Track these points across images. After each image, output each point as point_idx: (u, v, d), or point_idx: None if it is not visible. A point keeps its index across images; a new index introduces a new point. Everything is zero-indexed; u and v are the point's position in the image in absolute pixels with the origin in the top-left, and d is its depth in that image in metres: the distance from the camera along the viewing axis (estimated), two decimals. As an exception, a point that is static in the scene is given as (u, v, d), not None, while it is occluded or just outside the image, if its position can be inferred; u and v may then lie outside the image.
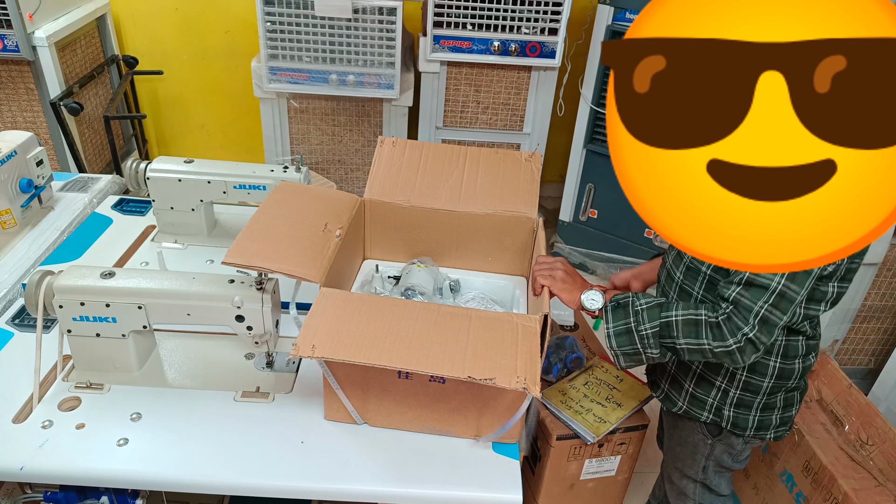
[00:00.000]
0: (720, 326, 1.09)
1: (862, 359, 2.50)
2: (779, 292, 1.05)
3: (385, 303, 1.17)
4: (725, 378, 1.27)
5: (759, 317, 1.06)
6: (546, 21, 2.54)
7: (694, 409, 1.32)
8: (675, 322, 1.12)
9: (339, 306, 1.15)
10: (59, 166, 2.77)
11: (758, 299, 1.06)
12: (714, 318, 1.09)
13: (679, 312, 1.13)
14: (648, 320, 1.15)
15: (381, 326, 1.11)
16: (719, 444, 1.35)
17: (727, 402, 1.28)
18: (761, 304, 1.06)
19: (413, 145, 1.57)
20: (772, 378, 1.24)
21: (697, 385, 1.31)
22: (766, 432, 1.31)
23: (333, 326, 1.10)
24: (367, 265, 1.58)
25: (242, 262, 1.16)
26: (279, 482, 1.12)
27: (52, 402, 1.23)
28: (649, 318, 1.15)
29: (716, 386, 1.28)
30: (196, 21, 3.12)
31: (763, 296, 1.06)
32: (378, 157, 1.54)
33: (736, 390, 1.27)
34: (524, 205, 1.48)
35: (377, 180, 1.51)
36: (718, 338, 1.09)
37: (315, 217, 1.34)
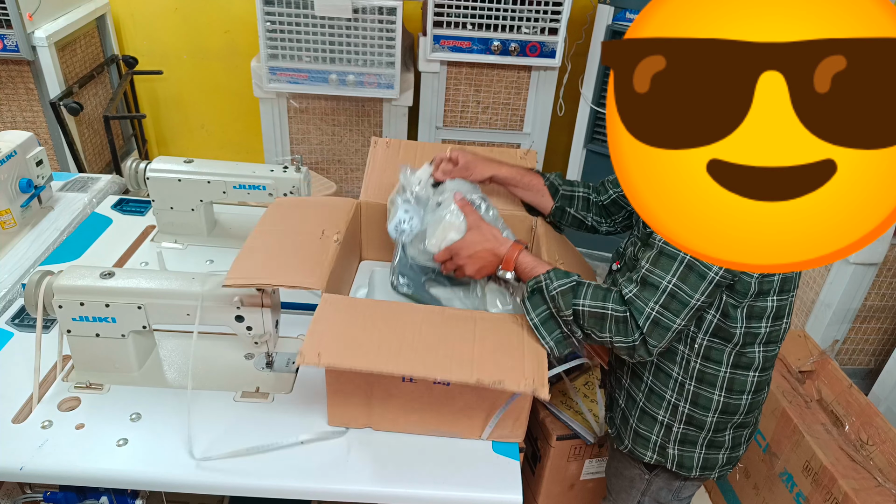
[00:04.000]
0: (625, 322, 1.06)
1: (862, 359, 2.50)
2: (669, 292, 1.03)
3: (389, 307, 1.17)
4: (668, 412, 1.20)
5: (650, 319, 1.04)
6: (546, 21, 2.54)
7: (637, 449, 1.26)
8: (582, 311, 1.08)
9: (343, 312, 1.15)
10: (58, 166, 2.77)
11: (649, 300, 1.04)
12: (621, 313, 1.06)
13: (587, 302, 1.08)
14: (564, 307, 1.09)
15: (386, 331, 1.11)
16: (657, 479, 1.30)
17: (671, 440, 1.22)
18: (652, 306, 1.04)
19: (407, 146, 1.57)
20: (716, 413, 1.18)
21: (640, 420, 1.25)
22: (711, 472, 1.25)
23: (338, 332, 1.10)
24: (365, 266, 1.57)
25: (243, 281, 1.16)
26: (279, 482, 1.12)
27: (51, 403, 1.23)
28: (564, 305, 1.09)
29: (658, 420, 1.22)
30: (196, 21, 3.12)
31: (654, 296, 1.03)
32: (372, 159, 1.54)
33: (679, 425, 1.20)
34: (521, 203, 1.48)
35: (373, 182, 1.51)
36: (621, 333, 1.06)
37: (312, 226, 1.34)
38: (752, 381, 1.17)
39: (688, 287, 1.02)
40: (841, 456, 1.65)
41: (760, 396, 1.21)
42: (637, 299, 1.05)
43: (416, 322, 1.13)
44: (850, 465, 1.62)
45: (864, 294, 2.29)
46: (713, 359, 1.14)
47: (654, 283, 1.04)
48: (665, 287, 1.03)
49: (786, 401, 1.80)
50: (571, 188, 1.41)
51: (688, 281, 1.02)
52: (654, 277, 1.04)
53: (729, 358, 1.14)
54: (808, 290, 2.36)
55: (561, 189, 1.41)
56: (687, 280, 1.02)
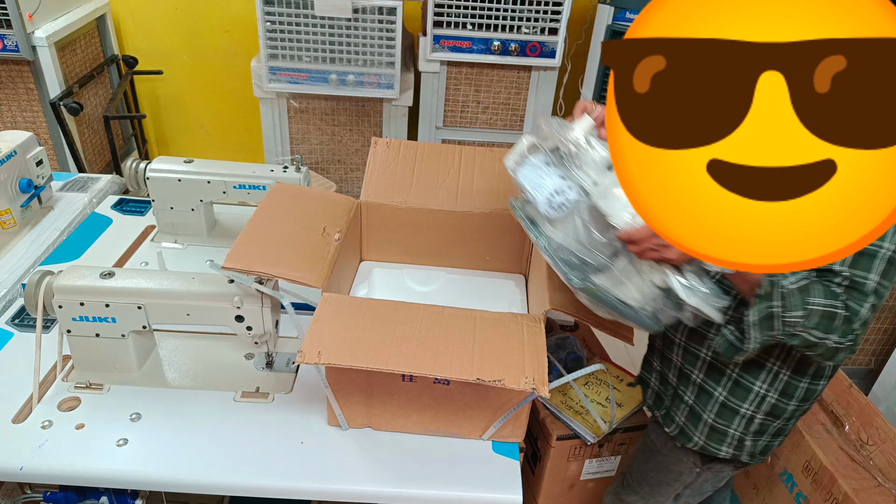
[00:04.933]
0: (847, 322, 0.99)
1: (862, 359, 2.50)
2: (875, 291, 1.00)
3: (388, 306, 1.17)
4: (753, 403, 1.18)
5: (865, 321, 1.00)
6: (546, 21, 2.54)
7: (712, 445, 1.23)
8: (814, 311, 0.98)
9: (343, 311, 1.15)
10: (58, 166, 2.77)
11: (863, 302, 0.99)
12: (845, 314, 0.99)
13: (822, 301, 0.98)
14: (794, 307, 0.98)
15: (386, 330, 1.11)
16: (707, 471, 1.28)
17: (750, 431, 1.20)
18: (867, 307, 0.99)
19: (407, 146, 1.56)
20: (798, 400, 1.17)
21: (719, 415, 1.21)
22: (763, 457, 1.25)
23: (338, 331, 1.10)
24: (364, 266, 1.57)
25: (242, 266, 1.15)
26: (279, 482, 1.12)
27: (51, 403, 1.23)
28: (795, 304, 0.98)
29: (740, 413, 1.19)
30: (196, 21, 3.12)
31: (866, 298, 1.00)
32: (373, 159, 1.53)
33: (763, 416, 1.19)
34: None
35: (373, 182, 1.50)
36: (844, 334, 1.00)
37: (313, 220, 1.33)
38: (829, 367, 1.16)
39: (888, 282, 1.00)
40: (841, 456, 1.65)
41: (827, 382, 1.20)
42: (852, 302, 1.00)
43: (416, 320, 1.13)
44: (850, 465, 1.62)
45: (864, 294, 2.28)
46: None
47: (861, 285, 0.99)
48: (871, 287, 1.00)
49: (786, 401, 1.79)
50: None
51: (888, 276, 1.00)
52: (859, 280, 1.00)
53: None
54: (808, 290, 2.36)
55: None
56: (887, 275, 1.00)
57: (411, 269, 1.55)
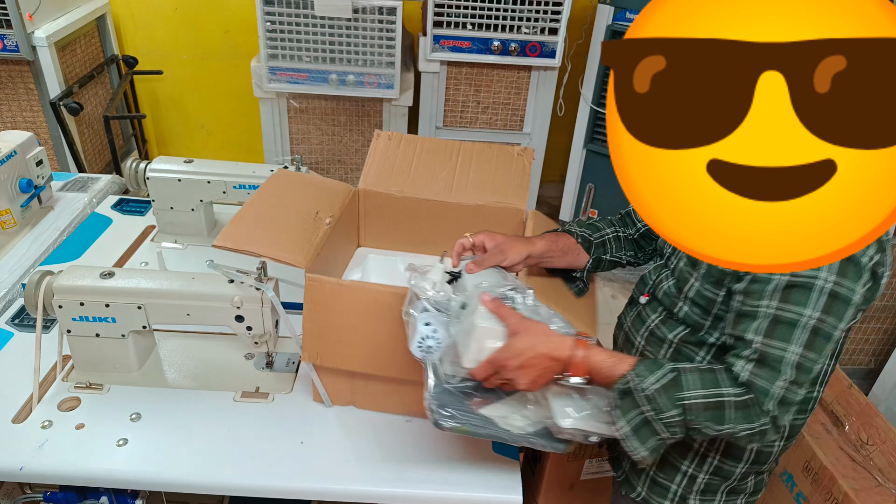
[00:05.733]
0: (747, 406, 0.90)
1: (862, 359, 2.50)
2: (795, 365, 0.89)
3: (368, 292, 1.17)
4: (694, 462, 1.09)
5: (779, 399, 0.90)
6: (546, 21, 2.54)
7: (653, 498, 1.15)
8: (693, 405, 0.91)
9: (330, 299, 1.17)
10: (58, 166, 2.77)
11: (774, 379, 0.90)
12: (739, 397, 0.91)
13: (698, 392, 0.91)
14: (666, 407, 0.91)
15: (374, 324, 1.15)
16: None
17: (693, 490, 1.11)
18: (780, 384, 0.89)
19: (408, 139, 1.59)
20: (747, 463, 1.08)
21: (660, 469, 1.13)
22: None
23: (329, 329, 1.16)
24: (360, 252, 1.61)
25: (232, 245, 1.18)
26: (279, 482, 1.12)
27: (51, 403, 1.23)
28: (666, 404, 0.92)
29: (681, 471, 1.11)
30: (196, 21, 3.12)
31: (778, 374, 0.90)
32: (374, 150, 1.57)
33: (705, 475, 1.09)
34: (515, 197, 1.50)
35: (372, 171, 1.54)
36: (745, 420, 0.91)
37: (307, 205, 1.36)
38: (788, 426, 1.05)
39: (814, 353, 0.89)
40: (841, 456, 1.65)
41: (793, 440, 1.11)
42: (758, 379, 0.90)
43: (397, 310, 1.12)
44: (850, 465, 1.62)
45: (864, 294, 2.28)
46: None
47: (776, 358, 0.89)
48: (790, 360, 0.89)
49: (786, 401, 1.80)
50: (600, 233, 1.27)
51: (815, 347, 0.89)
52: (774, 352, 0.90)
53: None
54: (808, 290, 2.36)
55: (593, 239, 1.25)
56: (814, 346, 0.89)
57: (406, 256, 1.57)
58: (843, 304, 0.88)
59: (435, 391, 0.97)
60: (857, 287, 0.88)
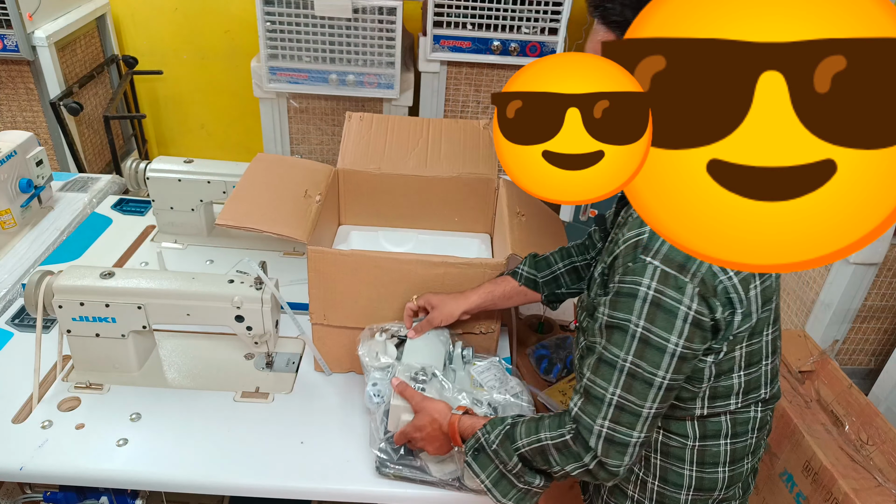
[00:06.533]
0: (568, 446, 0.94)
1: (862, 359, 2.50)
2: (616, 405, 0.91)
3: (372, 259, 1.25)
4: (637, 488, 1.08)
5: (602, 437, 0.91)
6: (546, 21, 2.54)
7: None
8: (526, 453, 0.98)
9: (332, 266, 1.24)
10: (58, 166, 2.77)
11: (596, 416, 0.92)
12: (559, 438, 0.95)
13: (524, 441, 0.98)
14: (508, 458, 0.99)
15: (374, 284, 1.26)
16: None
17: None
18: (601, 422, 0.91)
19: (379, 119, 1.64)
20: (689, 490, 1.04)
21: (611, 493, 1.13)
22: None
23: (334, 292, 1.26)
24: (343, 230, 1.65)
25: (234, 222, 1.23)
26: (279, 482, 1.12)
27: (51, 403, 1.23)
28: (507, 456, 0.99)
29: (628, 496, 1.10)
30: (196, 21, 3.12)
31: (600, 411, 0.91)
32: (347, 132, 1.61)
33: (650, 503, 1.08)
34: (485, 167, 1.57)
35: (348, 152, 1.58)
36: (570, 458, 0.94)
37: (295, 185, 1.41)
38: (725, 451, 1.02)
39: (634, 397, 0.90)
40: (841, 456, 1.65)
41: (741, 468, 1.06)
42: (584, 415, 0.93)
43: (396, 271, 1.25)
44: (850, 465, 1.62)
45: (864, 294, 2.29)
46: (675, 431, 1.02)
47: (598, 396, 0.92)
48: (610, 399, 0.91)
49: (786, 401, 1.80)
50: (550, 270, 1.30)
51: (633, 391, 0.90)
52: (596, 389, 0.92)
53: (694, 429, 1.02)
54: (808, 290, 2.36)
55: (539, 279, 1.29)
56: (632, 390, 0.90)
57: (386, 232, 1.63)
58: (657, 351, 0.88)
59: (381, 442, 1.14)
60: (670, 336, 0.87)
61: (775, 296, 0.99)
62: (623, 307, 0.90)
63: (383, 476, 1.14)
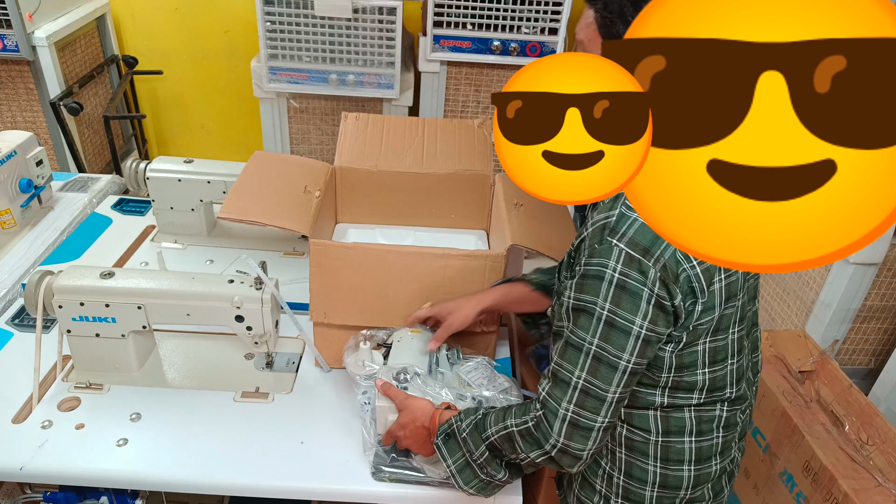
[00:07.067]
0: (531, 433, 0.95)
1: (862, 359, 2.50)
2: (581, 389, 0.91)
3: (375, 252, 1.26)
4: (604, 481, 1.08)
5: (567, 420, 0.92)
6: (546, 21, 2.54)
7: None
8: (494, 441, 1.00)
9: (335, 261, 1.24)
10: (58, 166, 2.77)
11: (561, 399, 0.92)
12: (524, 425, 0.96)
13: (493, 429, 1.00)
14: (475, 446, 1.01)
15: (374, 280, 1.26)
16: None
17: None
18: (566, 406, 0.92)
19: (375, 119, 1.65)
20: (654, 486, 1.04)
21: (582, 486, 1.12)
22: None
23: (335, 288, 1.25)
24: (340, 228, 1.65)
25: (236, 216, 1.23)
26: (279, 482, 1.12)
27: (51, 403, 1.23)
28: (474, 444, 1.01)
29: (597, 490, 1.09)
30: (196, 21, 3.12)
31: (566, 394, 0.92)
32: (343, 131, 1.62)
33: (617, 497, 1.07)
34: (481, 164, 1.58)
35: (345, 151, 1.59)
36: (533, 445, 0.95)
37: (295, 181, 1.42)
38: (690, 449, 1.02)
39: (599, 381, 0.91)
40: (841, 456, 1.65)
41: (708, 468, 1.04)
42: (550, 399, 0.94)
43: (398, 265, 1.26)
44: (850, 465, 1.62)
45: (864, 294, 2.29)
46: (637, 425, 1.02)
47: (565, 379, 0.93)
48: (575, 383, 0.92)
49: (786, 401, 1.80)
50: (551, 276, 1.30)
51: (598, 374, 0.91)
52: (563, 372, 0.93)
53: (657, 423, 1.01)
54: (808, 290, 2.36)
55: (552, 285, 1.28)
56: (597, 373, 0.91)
57: (383, 229, 1.64)
58: (621, 333, 0.89)
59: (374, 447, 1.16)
60: (635, 319, 0.88)
61: (742, 294, 0.98)
62: (589, 290, 0.90)
63: (379, 480, 1.14)
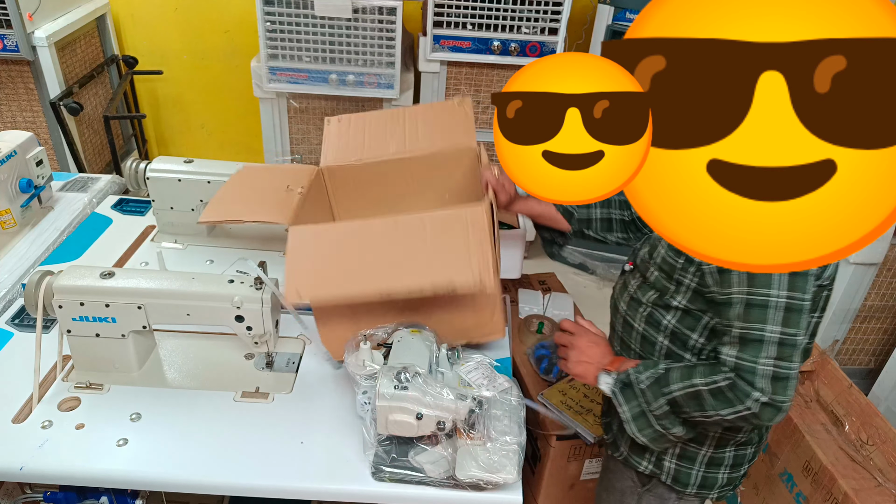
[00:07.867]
0: (723, 393, 0.97)
1: (862, 359, 2.50)
2: (777, 342, 0.94)
3: (351, 228, 1.25)
4: None
5: (769, 375, 0.94)
6: (546, 21, 2.54)
7: (634, 457, 1.20)
8: (678, 398, 1.02)
9: (311, 241, 1.23)
10: (58, 166, 2.77)
11: (758, 357, 0.95)
12: (714, 384, 0.98)
13: (677, 385, 1.02)
14: (654, 399, 1.04)
15: (353, 253, 1.22)
16: (648, 494, 1.22)
17: (669, 451, 1.16)
18: (764, 362, 0.94)
19: (357, 117, 1.66)
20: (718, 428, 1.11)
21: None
22: (710, 491, 1.17)
23: (311, 266, 1.20)
24: None
25: (217, 217, 1.26)
26: (279, 482, 1.12)
27: (51, 403, 1.23)
28: (654, 397, 1.04)
29: None
30: (196, 21, 3.12)
31: (761, 351, 0.95)
32: (327, 134, 1.63)
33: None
34: (464, 138, 1.58)
35: (330, 152, 1.60)
36: (725, 404, 0.97)
37: (277, 183, 1.43)
38: None
39: (792, 328, 0.94)
40: (841, 456, 1.65)
41: None
42: (742, 361, 0.96)
43: (377, 237, 1.22)
44: (850, 465, 1.62)
45: (864, 294, 2.29)
46: None
47: (757, 339, 0.95)
48: (769, 338, 0.94)
49: (786, 401, 1.80)
50: (588, 210, 1.37)
51: (790, 322, 0.94)
52: (753, 333, 0.95)
53: None
54: (808, 290, 2.36)
55: (575, 213, 1.37)
56: (789, 322, 0.94)
57: None
58: (801, 276, 0.95)
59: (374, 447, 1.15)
60: None
61: None
62: None
63: (379, 480, 1.14)
